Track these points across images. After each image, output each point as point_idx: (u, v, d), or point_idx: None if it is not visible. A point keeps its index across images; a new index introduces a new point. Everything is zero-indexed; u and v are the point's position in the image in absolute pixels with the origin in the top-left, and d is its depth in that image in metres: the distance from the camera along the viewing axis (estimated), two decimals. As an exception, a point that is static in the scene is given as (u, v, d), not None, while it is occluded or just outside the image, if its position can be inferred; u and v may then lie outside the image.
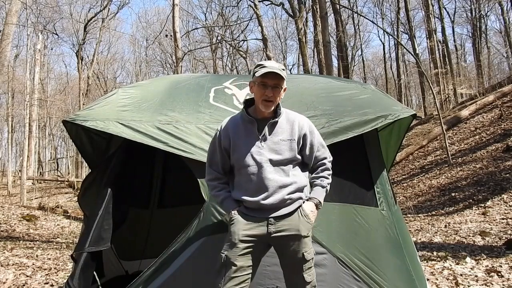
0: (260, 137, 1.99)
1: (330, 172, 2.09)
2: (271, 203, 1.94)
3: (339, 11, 19.39)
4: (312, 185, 2.07)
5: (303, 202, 2.01)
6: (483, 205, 7.28)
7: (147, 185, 4.35)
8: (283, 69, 1.99)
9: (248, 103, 2.08)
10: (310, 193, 2.05)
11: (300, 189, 2.02)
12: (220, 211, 2.23)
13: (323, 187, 2.05)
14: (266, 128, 1.99)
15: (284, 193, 1.95)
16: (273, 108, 1.98)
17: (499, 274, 3.74)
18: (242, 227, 1.94)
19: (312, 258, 1.99)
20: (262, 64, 1.98)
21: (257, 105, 2.00)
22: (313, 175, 2.08)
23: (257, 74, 1.94)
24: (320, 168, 2.08)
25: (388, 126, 3.15)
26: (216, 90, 2.89)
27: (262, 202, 1.94)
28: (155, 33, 30.08)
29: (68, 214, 11.27)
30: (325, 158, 2.09)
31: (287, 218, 1.95)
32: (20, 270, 4.67)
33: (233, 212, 1.99)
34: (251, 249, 1.93)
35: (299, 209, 1.98)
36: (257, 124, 2.00)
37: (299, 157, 2.03)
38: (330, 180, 2.08)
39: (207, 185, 2.16)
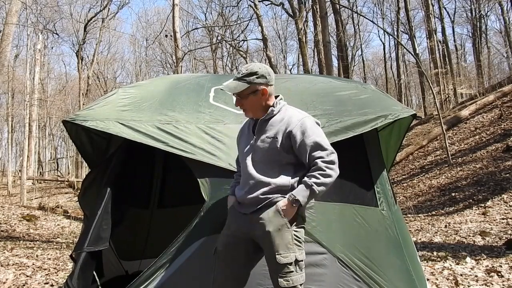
0: (254, 135, 2.05)
1: (324, 172, 1.89)
2: (249, 198, 1.96)
3: (339, 11, 19.38)
4: (299, 183, 1.95)
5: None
6: (483, 205, 7.28)
7: (147, 185, 4.34)
8: (253, 73, 1.96)
9: None
10: None
11: (281, 191, 1.93)
12: (220, 210, 2.23)
13: (306, 185, 1.87)
14: (257, 126, 2.05)
15: (260, 192, 1.94)
16: (251, 115, 2.06)
17: (499, 274, 3.74)
18: (231, 223, 2.05)
19: (291, 263, 1.86)
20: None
21: None
22: (308, 173, 1.95)
23: None
24: (312, 167, 1.92)
25: (388, 126, 3.15)
26: (216, 90, 2.89)
27: (244, 197, 1.99)
28: (155, 33, 30.11)
29: (68, 214, 11.27)
30: (320, 157, 1.91)
31: (260, 217, 1.93)
32: (20, 270, 4.67)
33: (228, 207, 2.12)
34: (241, 244, 1.97)
35: (273, 207, 1.91)
36: (254, 123, 2.09)
37: (286, 155, 1.95)
38: (321, 180, 1.87)
39: None
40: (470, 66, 30.45)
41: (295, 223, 1.93)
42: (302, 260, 1.91)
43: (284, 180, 1.95)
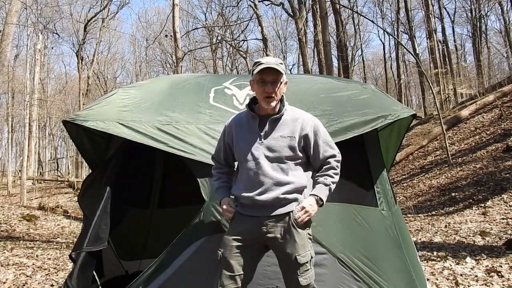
0: (260, 133, 1.98)
1: (337, 171, 2.00)
2: (264, 200, 1.91)
3: (339, 11, 19.38)
4: (315, 183, 1.99)
5: (298, 204, 1.95)
6: (483, 205, 7.28)
7: (147, 185, 4.34)
8: (281, 63, 1.97)
9: (254, 101, 2.08)
10: (311, 190, 1.99)
11: (298, 190, 1.96)
12: (220, 210, 2.23)
13: (326, 184, 1.96)
14: (268, 124, 1.98)
15: (279, 191, 1.91)
16: (275, 103, 1.97)
17: (499, 274, 3.75)
18: (237, 226, 1.97)
19: (308, 261, 1.91)
20: (259, 61, 1.97)
21: (260, 103, 2.01)
22: (318, 173, 2.01)
23: (255, 72, 1.95)
24: (325, 166, 1.99)
25: (388, 126, 3.15)
26: (216, 90, 2.89)
27: (256, 198, 1.92)
28: (155, 33, 30.08)
29: (68, 214, 11.28)
30: (332, 156, 2.01)
31: (280, 219, 1.92)
32: (20, 270, 4.67)
33: (226, 207, 2.02)
34: (247, 248, 1.93)
35: (290, 214, 1.92)
36: (260, 121, 2.01)
37: (300, 155, 1.98)
38: (335, 179, 1.99)
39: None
40: (470, 66, 30.47)
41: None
42: (313, 257, 1.97)
43: (301, 179, 1.98)
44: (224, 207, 2.03)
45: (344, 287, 2.22)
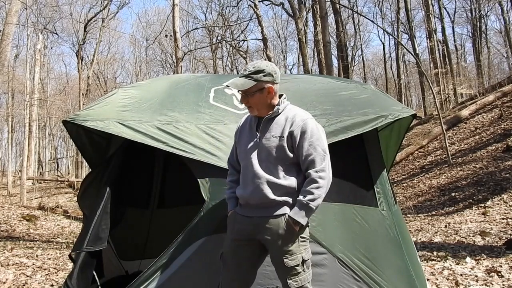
0: (257, 133, 2.00)
1: (319, 184, 1.86)
2: (254, 197, 1.92)
3: (339, 11, 19.37)
4: (296, 201, 1.91)
5: (290, 207, 1.91)
6: (483, 205, 7.28)
7: (147, 185, 4.34)
8: (260, 71, 1.93)
9: None
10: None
11: (288, 193, 1.91)
12: (220, 210, 2.23)
13: (302, 205, 1.86)
14: (262, 124, 2.00)
15: (268, 192, 1.89)
16: (256, 112, 2.00)
17: (499, 274, 3.74)
18: (235, 226, 1.99)
19: (298, 265, 1.87)
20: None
21: None
22: (302, 188, 1.91)
23: None
24: (307, 179, 1.90)
25: (388, 126, 3.15)
26: (216, 90, 2.90)
27: (248, 197, 1.94)
28: (155, 33, 30.09)
29: (68, 214, 11.27)
30: (313, 165, 1.89)
31: (269, 221, 1.90)
32: (20, 270, 4.67)
33: (230, 211, 2.05)
34: (245, 248, 1.94)
35: (283, 217, 1.89)
36: (258, 121, 2.03)
37: (290, 155, 1.93)
38: (315, 195, 1.85)
39: None
40: (470, 66, 30.47)
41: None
42: (308, 259, 1.93)
43: (290, 181, 1.93)
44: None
45: (344, 287, 2.21)
